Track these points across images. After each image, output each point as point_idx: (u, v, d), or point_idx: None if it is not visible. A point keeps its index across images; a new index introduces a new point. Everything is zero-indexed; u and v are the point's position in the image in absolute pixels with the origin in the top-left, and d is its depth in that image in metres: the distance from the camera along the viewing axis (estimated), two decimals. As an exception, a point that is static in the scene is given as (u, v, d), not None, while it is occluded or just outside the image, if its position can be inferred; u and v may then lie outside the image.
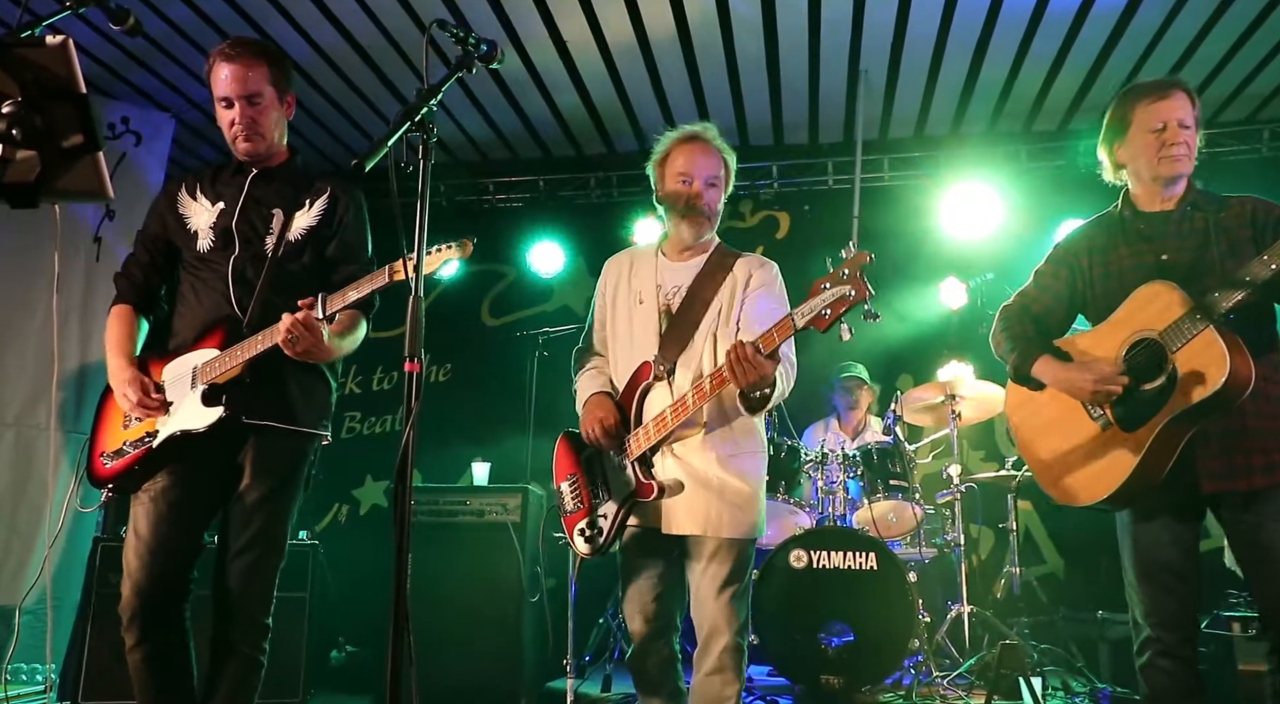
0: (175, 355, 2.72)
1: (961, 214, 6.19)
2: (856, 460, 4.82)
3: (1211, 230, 2.65)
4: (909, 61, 5.75)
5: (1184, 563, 2.61)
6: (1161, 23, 5.34)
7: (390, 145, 2.06)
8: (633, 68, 5.82)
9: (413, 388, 2.04)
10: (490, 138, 6.80)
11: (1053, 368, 2.73)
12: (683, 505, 2.74)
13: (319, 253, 2.80)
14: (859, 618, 4.35)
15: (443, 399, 6.88)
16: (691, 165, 2.89)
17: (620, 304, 3.01)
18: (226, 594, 2.62)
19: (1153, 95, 2.72)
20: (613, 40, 5.54)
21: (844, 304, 2.37)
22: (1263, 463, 2.52)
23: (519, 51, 5.62)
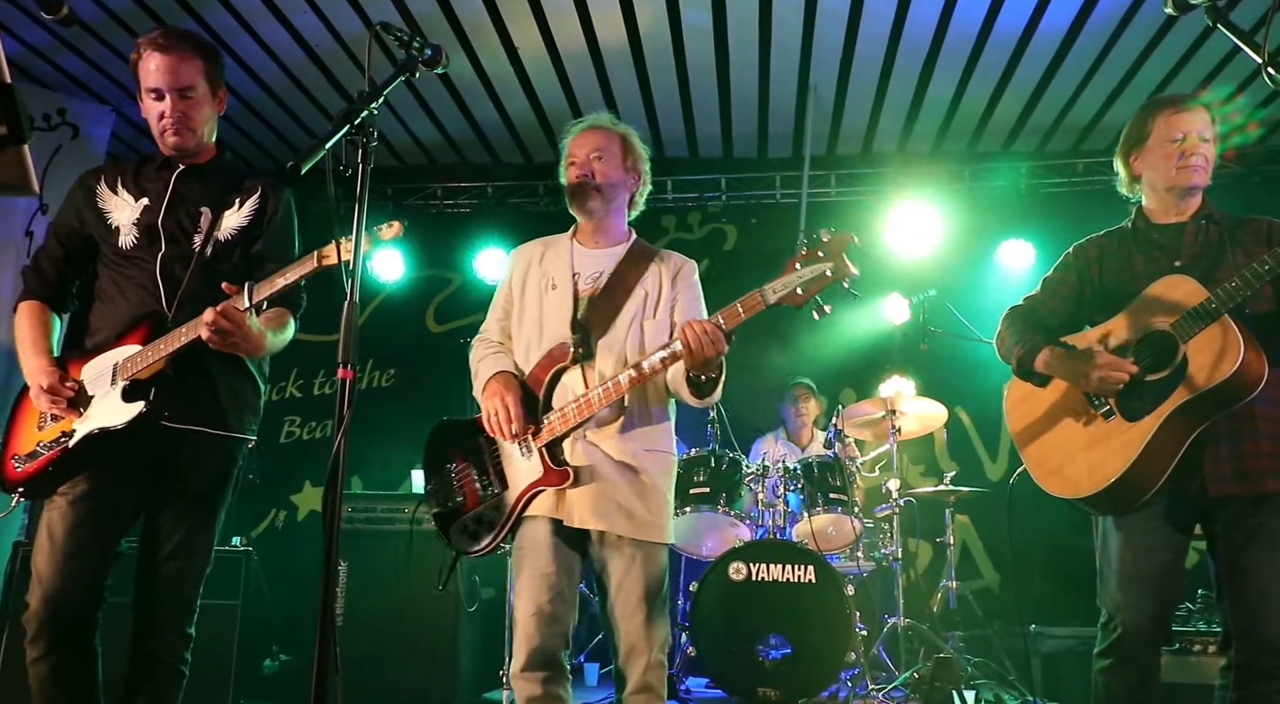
0: (95, 354, 2.62)
1: (906, 231, 6.26)
2: (797, 474, 4.85)
3: (1226, 242, 2.68)
4: (857, 79, 5.82)
5: (1170, 571, 2.61)
6: (1101, 49, 5.46)
7: (328, 148, 2.02)
8: (584, 76, 5.82)
9: (345, 395, 2.00)
10: (439, 142, 6.75)
11: (1057, 358, 2.73)
12: (593, 497, 2.61)
13: (248, 252, 2.74)
14: (797, 631, 4.35)
15: (385, 405, 6.80)
16: (575, 147, 2.90)
17: (530, 291, 2.90)
18: (149, 603, 2.54)
19: (1174, 107, 2.76)
20: (564, 48, 5.54)
21: (823, 282, 2.35)
22: (1273, 467, 2.52)
23: (470, 56, 5.60)
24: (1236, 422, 2.53)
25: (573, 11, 5.16)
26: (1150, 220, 2.83)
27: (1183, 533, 2.63)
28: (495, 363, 2.81)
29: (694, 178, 6.82)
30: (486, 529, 2.69)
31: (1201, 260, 2.68)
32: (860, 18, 5.18)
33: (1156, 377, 2.56)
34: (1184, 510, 2.61)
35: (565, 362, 2.70)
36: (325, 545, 2.02)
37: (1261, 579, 2.49)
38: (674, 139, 6.65)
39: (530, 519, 2.67)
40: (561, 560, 2.64)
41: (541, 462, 2.65)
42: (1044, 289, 2.96)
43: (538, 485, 2.64)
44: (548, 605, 2.60)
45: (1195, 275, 2.61)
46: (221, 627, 4.26)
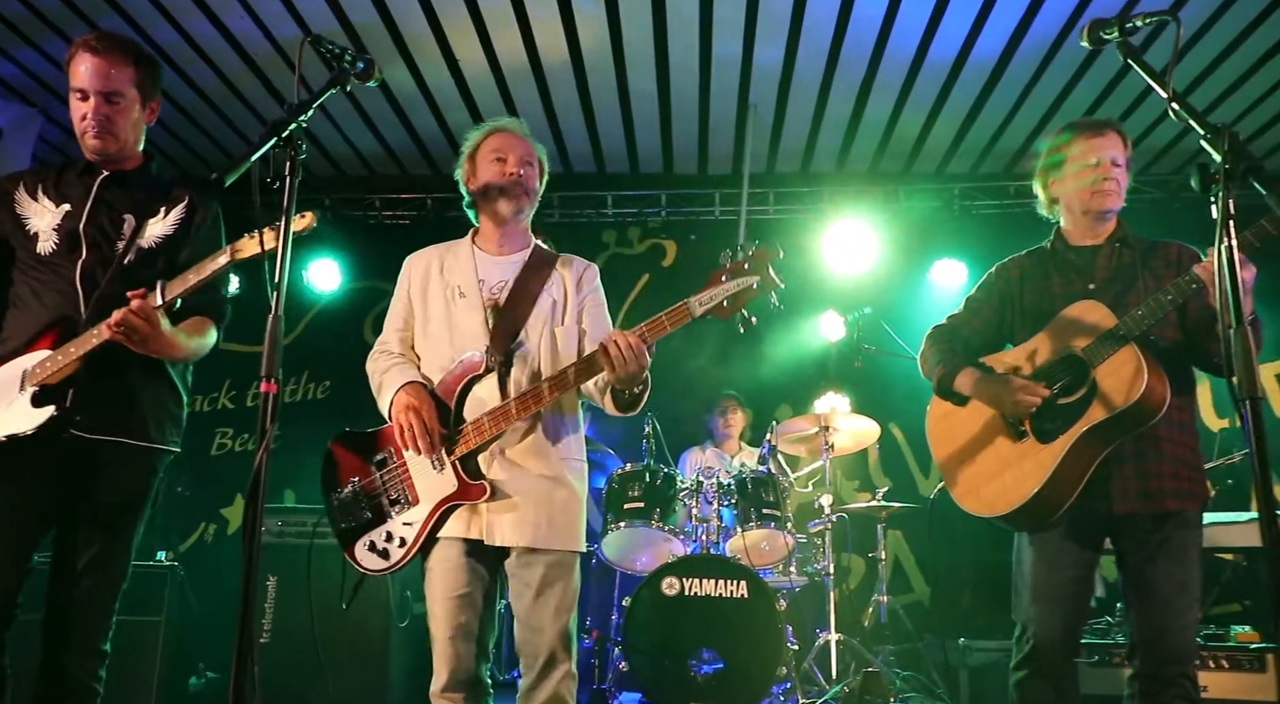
0: (5, 361, 2.55)
1: (842, 250, 6.36)
2: (731, 489, 4.88)
3: (1138, 266, 2.77)
4: (796, 99, 5.90)
5: (1079, 585, 2.71)
6: (1031, 77, 5.61)
7: (253, 161, 1.99)
8: (525, 90, 5.82)
9: (267, 409, 1.97)
10: (379, 153, 6.70)
11: (975, 380, 2.81)
12: (512, 512, 2.56)
13: (172, 261, 2.68)
14: (729, 645, 4.37)
15: (320, 417, 6.71)
16: (505, 145, 2.82)
17: (434, 300, 2.80)
18: (62, 619, 2.47)
19: (1089, 132, 2.84)
20: (505, 62, 5.54)
21: (750, 295, 2.38)
22: (1173, 488, 2.63)
23: (410, 68, 5.58)
24: (1142, 444, 2.62)
25: (514, 25, 5.16)
26: (1067, 242, 2.92)
27: (1092, 549, 2.73)
28: (402, 373, 2.71)
29: (635, 193, 6.85)
30: (398, 547, 2.61)
31: (1114, 283, 2.77)
32: (799, 39, 5.26)
33: (1068, 400, 2.64)
34: (1093, 528, 2.70)
35: (479, 371, 2.63)
36: (245, 562, 1.99)
37: (1164, 591, 2.59)
38: (615, 155, 6.67)
39: (445, 538, 2.60)
40: (477, 578, 2.60)
41: (455, 476, 2.58)
42: (967, 308, 3.03)
43: (452, 500, 2.58)
44: (466, 626, 2.57)
45: (1108, 298, 2.71)
46: (143, 644, 4.17)
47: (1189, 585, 2.60)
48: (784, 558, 4.99)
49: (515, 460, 2.62)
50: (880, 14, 5.03)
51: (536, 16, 5.09)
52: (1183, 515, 2.64)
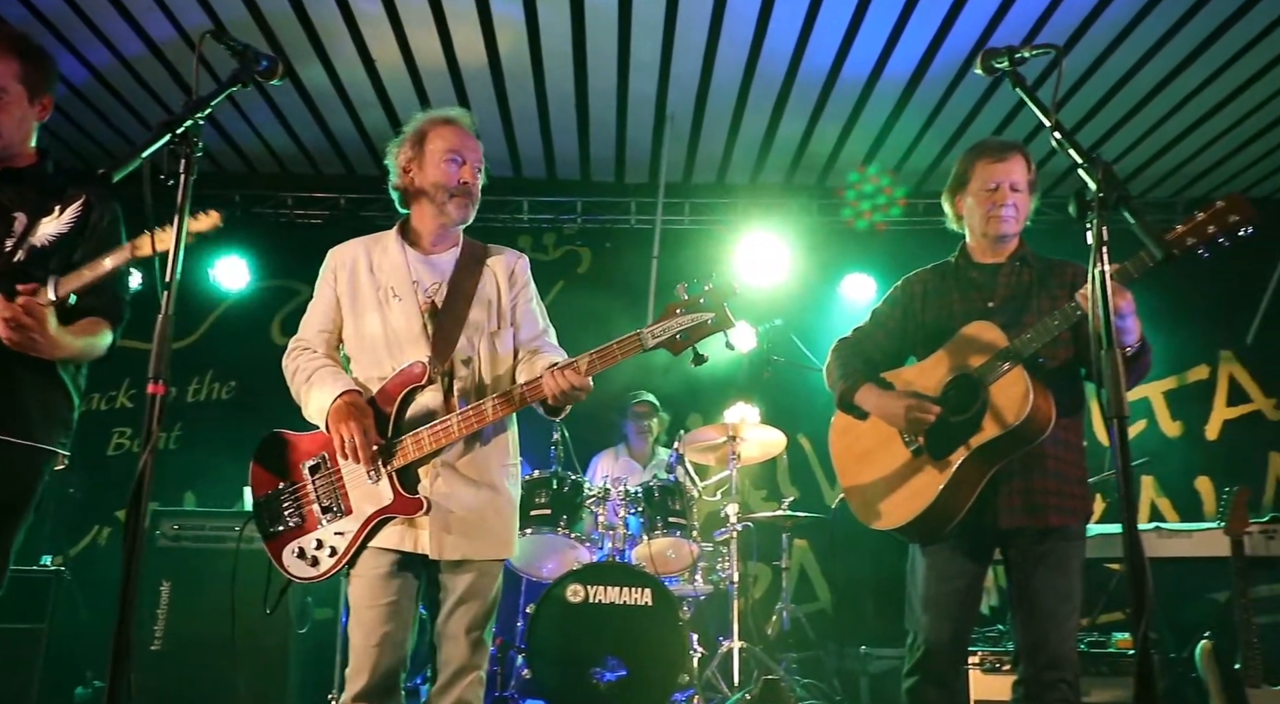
0: None
1: (755, 261, 6.44)
2: (638, 497, 4.90)
3: (1035, 286, 2.86)
4: (713, 110, 5.96)
5: (967, 596, 2.81)
6: (941, 96, 5.75)
7: (144, 157, 1.94)
8: (442, 92, 5.77)
9: (154, 411, 1.93)
10: (292, 151, 6.58)
11: (874, 396, 2.87)
12: (452, 526, 2.54)
13: (66, 260, 2.60)
14: (633, 653, 4.38)
15: (225, 418, 6.57)
16: (460, 145, 2.73)
17: (365, 299, 2.71)
18: None
19: (991, 156, 2.90)
20: (422, 63, 5.49)
21: (704, 332, 2.42)
22: (1056, 504, 2.72)
23: (325, 65, 5.49)
24: (1028, 461, 2.71)
25: (431, 25, 5.12)
26: (970, 259, 3.00)
27: (980, 561, 2.82)
28: (335, 378, 2.63)
29: (551, 199, 6.85)
30: (328, 556, 2.57)
31: (1011, 302, 2.85)
32: (717, 51, 5.31)
33: (960, 418, 2.71)
34: (981, 540, 2.79)
35: (421, 382, 2.57)
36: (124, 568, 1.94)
37: (1047, 600, 2.69)
38: (532, 159, 6.66)
39: (377, 548, 2.56)
40: (404, 587, 2.57)
41: (392, 488, 2.54)
42: (872, 321, 3.10)
43: (386, 513, 2.54)
44: (391, 634, 2.53)
45: (1005, 317, 2.79)
46: (23, 652, 4.03)
47: (1070, 595, 2.70)
48: (689, 566, 5.03)
49: (455, 473, 2.59)
50: (796, 30, 5.11)
51: (454, 16, 5.05)
52: (1065, 530, 2.74)
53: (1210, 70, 5.34)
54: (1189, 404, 6.86)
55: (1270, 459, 6.70)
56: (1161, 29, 4.98)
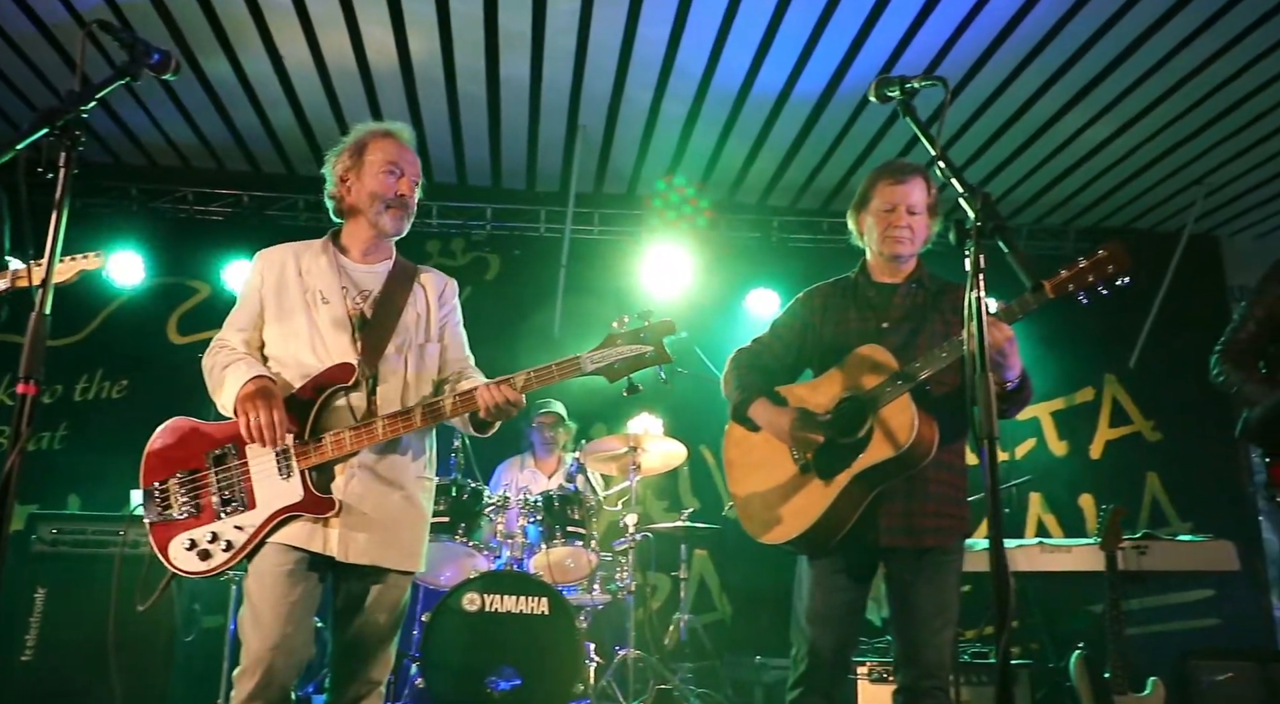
0: None
1: (662, 274, 6.49)
2: (538, 505, 4.89)
3: (929, 308, 2.93)
4: (625, 123, 6.00)
5: (849, 610, 2.87)
6: (848, 119, 5.89)
7: (18, 149, 1.88)
8: (352, 92, 5.70)
9: (24, 412, 1.86)
10: (194, 145, 6.42)
11: (766, 411, 2.90)
12: (365, 531, 2.51)
13: None
14: (528, 662, 4.37)
15: (115, 418, 6.34)
16: (400, 157, 2.76)
17: (292, 303, 2.69)
18: None
19: (891, 178, 2.95)
20: (332, 62, 5.42)
21: (641, 364, 2.51)
22: (934, 526, 2.81)
23: (231, 60, 5.38)
24: (911, 483, 2.79)
25: (342, 24, 5.05)
26: (870, 277, 3.06)
27: (863, 576, 2.89)
28: (250, 367, 2.58)
29: (460, 205, 6.80)
30: (222, 550, 2.49)
31: (905, 323, 2.92)
32: (629, 64, 5.36)
33: (848, 440, 2.78)
34: (863, 556, 2.87)
35: (347, 383, 2.57)
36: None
37: (923, 612, 2.78)
38: (442, 165, 6.62)
39: (279, 545, 2.50)
40: (308, 589, 2.52)
41: (303, 486, 2.50)
42: (772, 333, 3.14)
43: (292, 510, 2.49)
44: (291, 637, 2.46)
45: (899, 338, 2.87)
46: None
47: (945, 607, 2.79)
48: (588, 575, 5.04)
49: (373, 477, 2.57)
50: (708, 47, 5.18)
51: (366, 17, 5.00)
52: (942, 547, 2.83)
53: (1099, 107, 5.59)
54: (1075, 424, 7.14)
55: (1148, 478, 7.01)
56: (1055, 65, 5.20)
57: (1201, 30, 4.84)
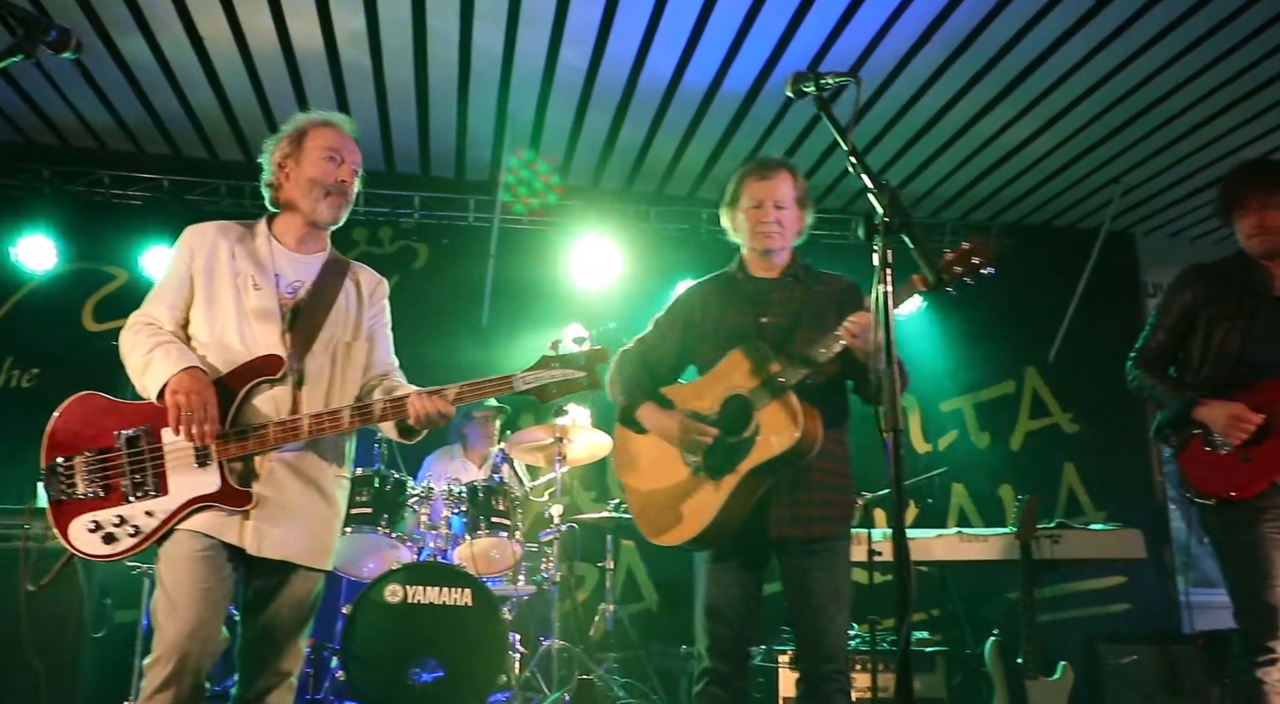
0: None
1: (591, 264, 6.49)
2: (462, 496, 4.87)
3: (805, 302, 2.98)
4: (554, 113, 5.97)
5: (745, 602, 2.90)
6: (778, 111, 5.94)
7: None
8: (276, 76, 5.60)
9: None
10: (111, 126, 6.23)
11: (654, 413, 2.93)
12: (281, 526, 2.48)
13: None
14: (451, 653, 4.35)
15: (25, 408, 6.12)
16: (341, 145, 2.74)
17: (221, 284, 2.62)
18: None
19: (759, 174, 3.01)
20: (255, 45, 5.30)
21: (573, 388, 2.55)
22: (820, 514, 2.86)
23: (148, 39, 5.23)
24: (797, 476, 2.84)
25: (264, 5, 4.94)
26: (747, 272, 3.10)
27: (756, 569, 2.94)
28: (182, 355, 2.50)
29: (388, 192, 6.72)
30: (129, 535, 2.43)
31: (783, 316, 2.97)
32: (559, 54, 5.33)
33: (735, 439, 2.82)
34: (756, 550, 2.91)
35: (274, 376, 2.54)
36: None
37: (818, 598, 2.84)
38: (370, 152, 6.47)
39: (190, 533, 2.44)
40: (225, 578, 2.47)
41: (220, 477, 2.46)
42: (654, 331, 3.17)
43: (207, 501, 2.45)
44: (208, 623, 2.42)
45: (778, 332, 2.92)
46: None
47: (839, 592, 2.86)
48: (513, 566, 5.04)
49: (291, 473, 2.55)
50: (637, 39, 5.18)
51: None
52: (830, 535, 2.89)
53: (1020, 107, 5.72)
54: (996, 416, 7.32)
55: (1065, 469, 7.21)
56: (977, 66, 5.30)
57: (1116, 35, 4.97)
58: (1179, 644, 4.91)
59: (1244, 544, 3.12)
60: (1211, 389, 3.23)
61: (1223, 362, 3.25)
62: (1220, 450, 3.18)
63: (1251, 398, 3.13)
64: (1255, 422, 3.07)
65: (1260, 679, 3.03)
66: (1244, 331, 3.22)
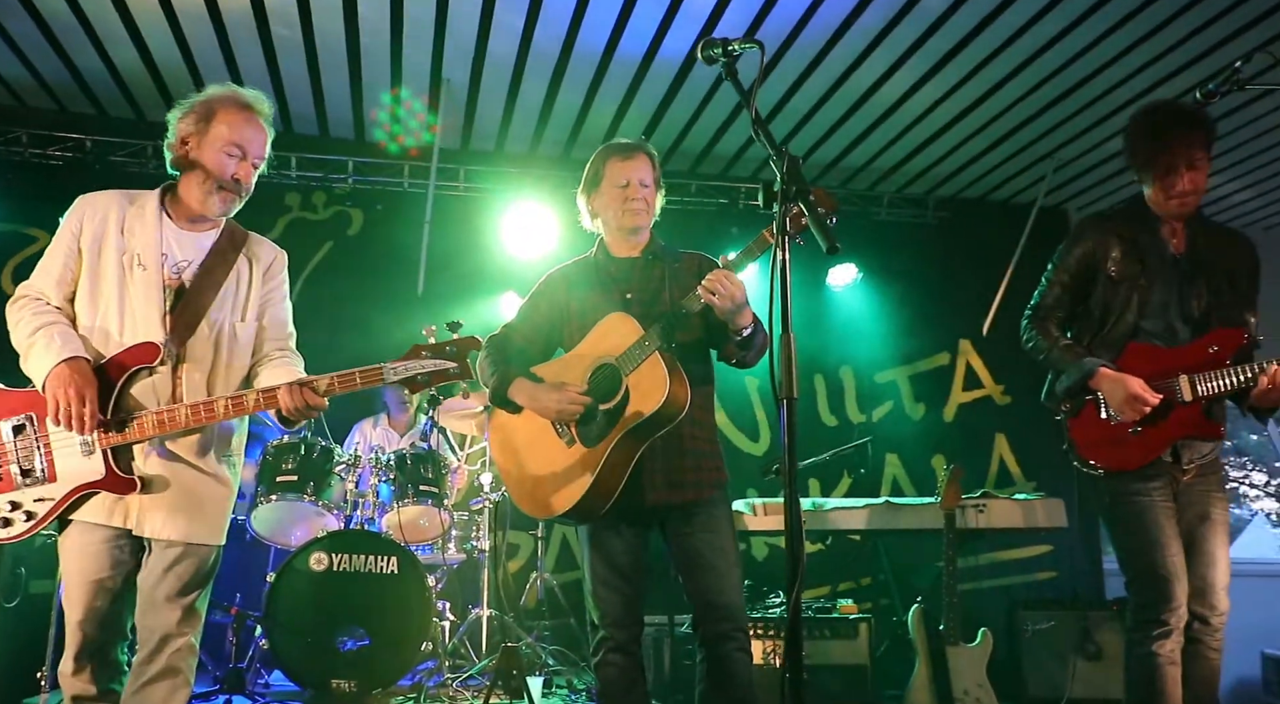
0: None
1: (527, 232, 6.43)
2: (390, 464, 4.84)
3: (667, 278, 3.04)
4: (490, 78, 5.89)
5: (632, 569, 2.94)
6: (713, 81, 5.91)
7: None
8: (203, 36, 5.43)
9: None
10: (29, 83, 6.03)
11: (527, 390, 2.94)
12: (164, 507, 2.54)
13: None
14: (377, 621, 4.36)
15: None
16: (244, 138, 2.68)
17: (108, 262, 2.61)
18: None
19: (621, 155, 3.09)
20: (180, 3, 5.14)
21: (444, 378, 2.57)
22: (694, 479, 2.92)
23: (66, -6, 5.07)
24: (668, 441, 2.89)
25: (188, -38, 4.81)
26: (609, 253, 3.18)
27: (639, 536, 2.98)
28: (66, 342, 2.51)
29: (322, 157, 6.60)
30: (24, 520, 2.51)
31: (646, 292, 3.04)
32: (492, 20, 5.25)
33: (607, 406, 2.85)
34: (636, 517, 2.95)
35: (152, 363, 2.54)
36: None
37: (708, 558, 2.88)
38: (303, 116, 6.40)
39: (82, 522, 2.54)
40: (117, 563, 2.56)
41: (105, 464, 2.50)
42: (520, 316, 3.20)
43: (93, 487, 2.50)
44: (100, 610, 2.54)
45: (641, 307, 2.97)
46: None
47: (726, 550, 2.91)
48: (441, 534, 5.03)
49: (174, 456, 2.57)
50: (572, 6, 5.11)
51: (215, -46, 4.78)
52: (707, 499, 2.94)
53: (955, 80, 5.74)
54: (931, 387, 7.42)
55: (996, 440, 7.33)
56: (911, 38, 5.30)
57: (1046, 11, 5.00)
58: (1097, 610, 5.03)
59: (1135, 514, 3.17)
60: (1110, 356, 3.24)
61: (1122, 326, 3.25)
62: (1112, 421, 3.22)
63: (1147, 368, 3.15)
64: (1152, 402, 3.08)
65: (1154, 652, 3.09)
66: (1142, 297, 3.23)
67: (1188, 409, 3.13)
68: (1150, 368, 3.15)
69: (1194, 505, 3.22)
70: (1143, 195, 3.31)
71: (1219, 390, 3.09)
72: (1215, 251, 3.24)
